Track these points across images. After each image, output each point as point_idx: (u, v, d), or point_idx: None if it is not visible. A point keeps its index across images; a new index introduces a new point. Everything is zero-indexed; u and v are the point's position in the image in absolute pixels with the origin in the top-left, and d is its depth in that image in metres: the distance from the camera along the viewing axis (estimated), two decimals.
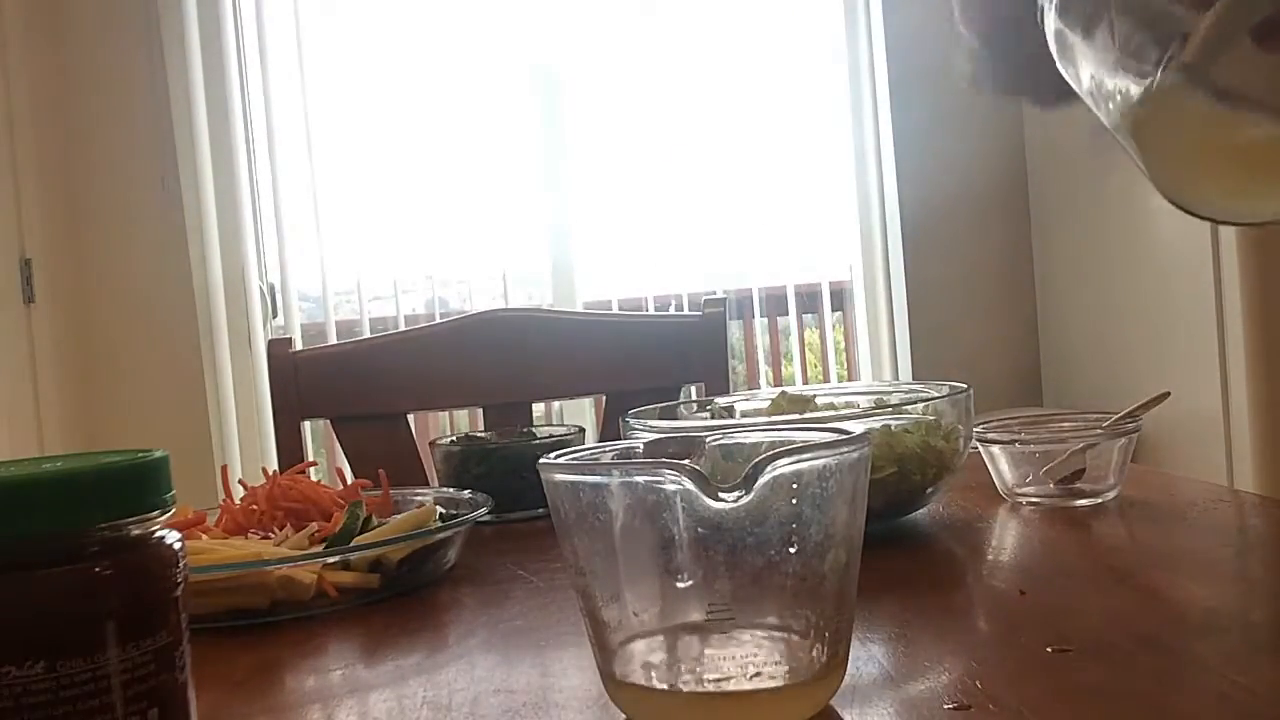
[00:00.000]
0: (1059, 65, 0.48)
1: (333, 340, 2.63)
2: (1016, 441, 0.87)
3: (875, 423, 0.78)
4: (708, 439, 0.54)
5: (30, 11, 2.52)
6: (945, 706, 0.45)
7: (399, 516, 0.79)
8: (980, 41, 0.58)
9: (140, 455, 0.36)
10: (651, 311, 2.79)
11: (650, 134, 2.79)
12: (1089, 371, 2.49)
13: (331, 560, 0.71)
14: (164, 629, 0.35)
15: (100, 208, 2.60)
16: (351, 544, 0.73)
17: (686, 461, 0.44)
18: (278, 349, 1.35)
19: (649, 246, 2.82)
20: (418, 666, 0.58)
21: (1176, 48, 0.42)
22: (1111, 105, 0.45)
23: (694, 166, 2.79)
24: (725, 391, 1.32)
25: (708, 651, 0.44)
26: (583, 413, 2.66)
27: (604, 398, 1.40)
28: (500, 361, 1.34)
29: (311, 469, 0.92)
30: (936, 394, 0.83)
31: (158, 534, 0.36)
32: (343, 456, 1.33)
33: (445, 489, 0.94)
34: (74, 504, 0.33)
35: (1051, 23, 0.47)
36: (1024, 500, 0.86)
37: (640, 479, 0.43)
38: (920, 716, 0.45)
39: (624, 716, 0.46)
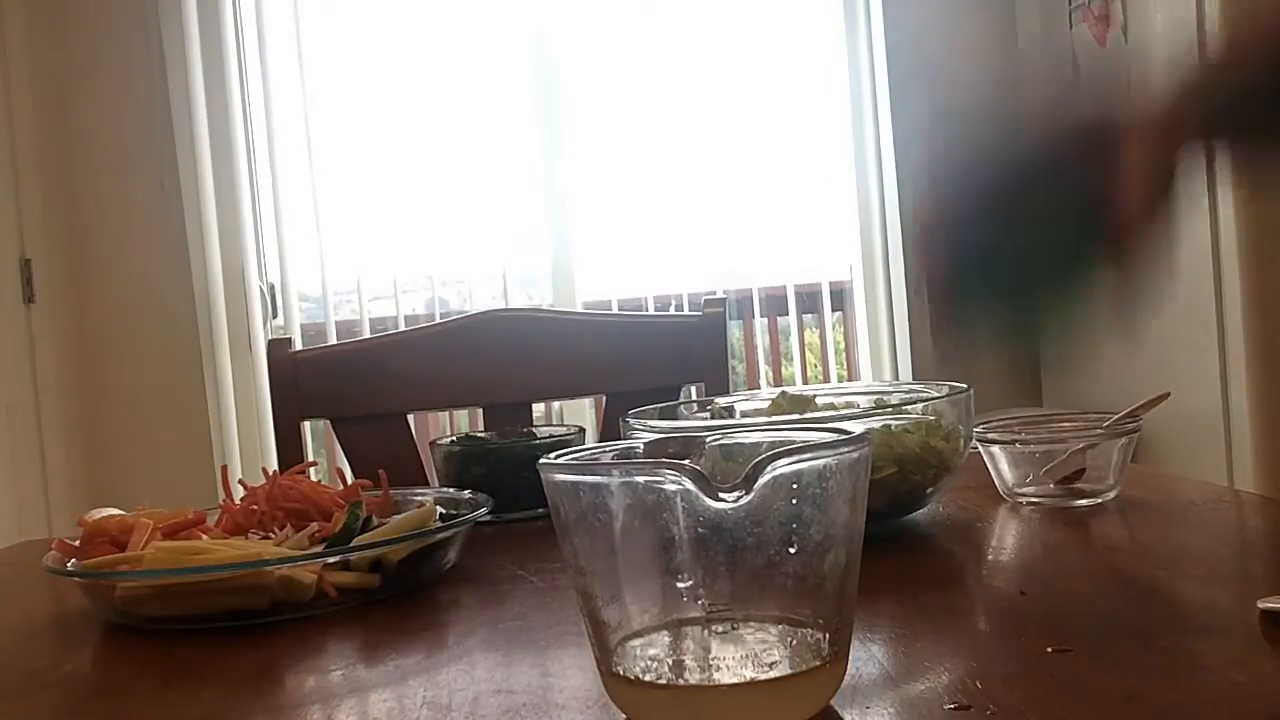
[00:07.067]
0: None
1: (333, 340, 2.63)
2: (1016, 441, 0.87)
3: (875, 423, 0.78)
4: (708, 439, 0.54)
5: (30, 12, 2.52)
6: (945, 706, 0.45)
7: (399, 516, 0.79)
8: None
9: None
10: (651, 311, 2.79)
11: (650, 134, 2.78)
12: (1089, 371, 2.48)
13: (331, 560, 0.71)
14: None
15: (100, 208, 2.60)
16: (351, 544, 0.73)
17: (686, 461, 0.44)
18: (278, 349, 1.35)
19: (649, 246, 2.82)
20: (418, 666, 0.58)
21: None
22: None
23: (694, 166, 2.78)
24: (725, 391, 1.32)
25: (708, 651, 0.44)
26: (583, 413, 2.66)
27: (604, 398, 1.40)
28: (500, 361, 1.34)
29: (311, 469, 0.92)
30: (936, 394, 0.83)
31: None
32: (343, 456, 1.33)
33: (445, 489, 0.94)
34: None
35: None
36: (1024, 500, 0.86)
37: (640, 479, 0.43)
38: (920, 716, 0.45)
39: (624, 716, 0.46)
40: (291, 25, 2.68)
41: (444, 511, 0.82)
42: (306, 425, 1.39)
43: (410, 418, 1.35)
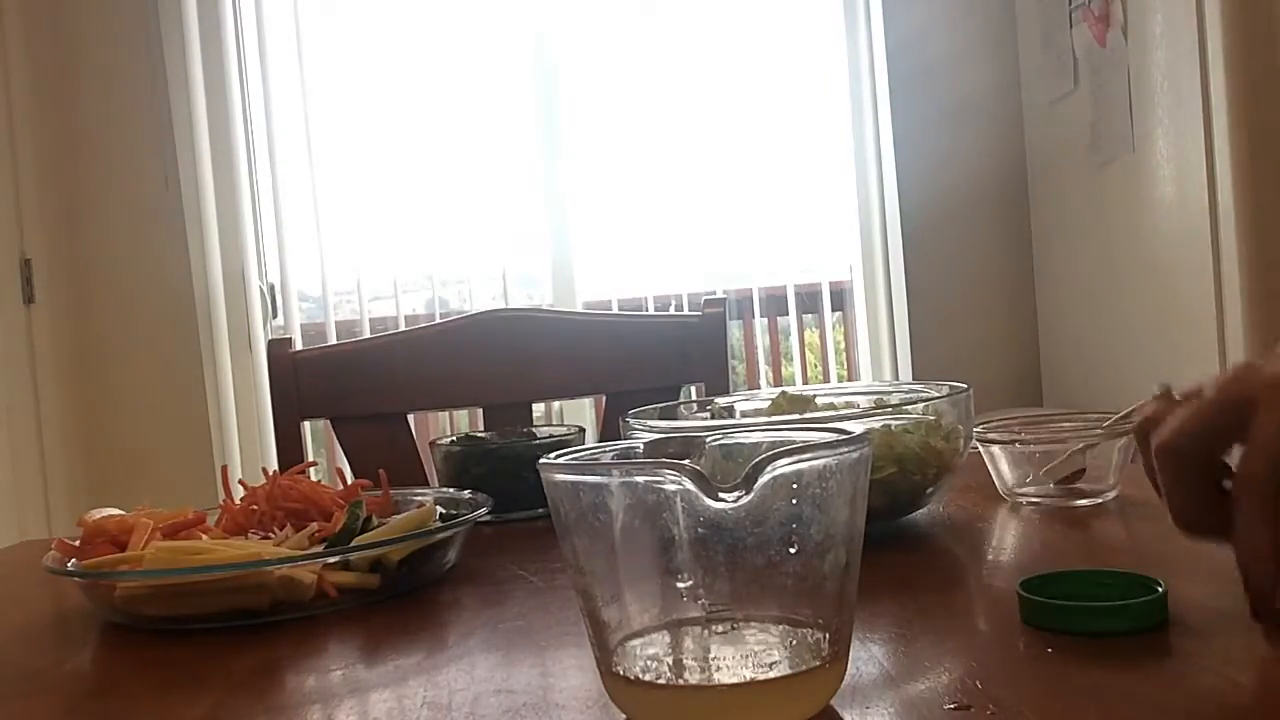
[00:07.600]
0: None
1: (333, 340, 2.63)
2: (1016, 441, 0.87)
3: (875, 423, 0.78)
4: (708, 439, 0.54)
5: (30, 11, 2.52)
6: (945, 706, 0.45)
7: (399, 516, 0.79)
8: None
9: None
10: (651, 311, 2.79)
11: (650, 134, 2.78)
12: (1089, 371, 2.48)
13: (331, 560, 0.71)
14: None
15: (100, 208, 2.60)
16: (351, 544, 0.73)
17: (686, 461, 0.44)
18: (278, 349, 1.35)
19: (649, 246, 2.82)
20: (418, 666, 0.58)
21: None
22: None
23: (694, 166, 2.79)
24: (725, 391, 1.32)
25: (708, 651, 0.44)
26: (583, 413, 2.66)
27: (604, 398, 1.40)
28: (500, 361, 1.34)
29: (311, 469, 0.92)
30: (936, 394, 0.83)
31: None
32: (343, 456, 1.33)
33: (445, 489, 0.94)
34: None
35: None
36: (1024, 500, 0.86)
37: (640, 479, 0.43)
38: (920, 716, 0.45)
39: (624, 716, 0.46)
40: (291, 25, 2.68)
41: (444, 511, 0.82)
42: (306, 425, 1.39)
43: (410, 418, 1.35)
